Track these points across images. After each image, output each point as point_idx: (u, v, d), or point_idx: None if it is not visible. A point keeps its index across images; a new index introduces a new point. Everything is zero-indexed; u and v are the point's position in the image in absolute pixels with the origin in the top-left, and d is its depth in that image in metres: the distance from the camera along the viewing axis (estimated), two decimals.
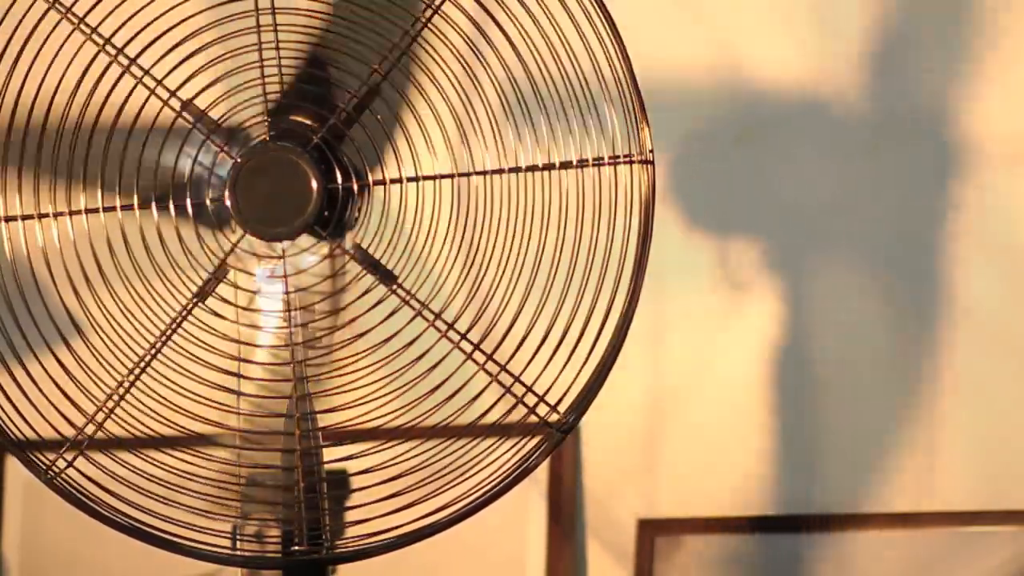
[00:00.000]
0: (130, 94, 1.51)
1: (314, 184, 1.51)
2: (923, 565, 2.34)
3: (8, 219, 1.53)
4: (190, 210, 1.53)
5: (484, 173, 1.52)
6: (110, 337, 1.53)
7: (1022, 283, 2.34)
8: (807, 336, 2.38)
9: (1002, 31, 2.32)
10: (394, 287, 1.53)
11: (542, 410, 1.52)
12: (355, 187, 1.53)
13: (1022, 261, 2.34)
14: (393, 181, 1.53)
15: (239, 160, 1.52)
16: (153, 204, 1.52)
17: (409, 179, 1.52)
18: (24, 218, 1.53)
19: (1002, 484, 2.35)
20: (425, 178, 1.52)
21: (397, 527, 1.51)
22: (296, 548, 1.55)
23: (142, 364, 1.53)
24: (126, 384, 1.53)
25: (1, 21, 1.50)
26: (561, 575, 2.36)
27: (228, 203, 1.52)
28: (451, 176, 1.52)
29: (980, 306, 2.34)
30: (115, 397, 1.53)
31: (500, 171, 1.52)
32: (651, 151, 1.50)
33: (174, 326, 1.53)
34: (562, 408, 1.52)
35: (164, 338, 1.53)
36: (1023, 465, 2.35)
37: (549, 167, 1.51)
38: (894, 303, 2.36)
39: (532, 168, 1.51)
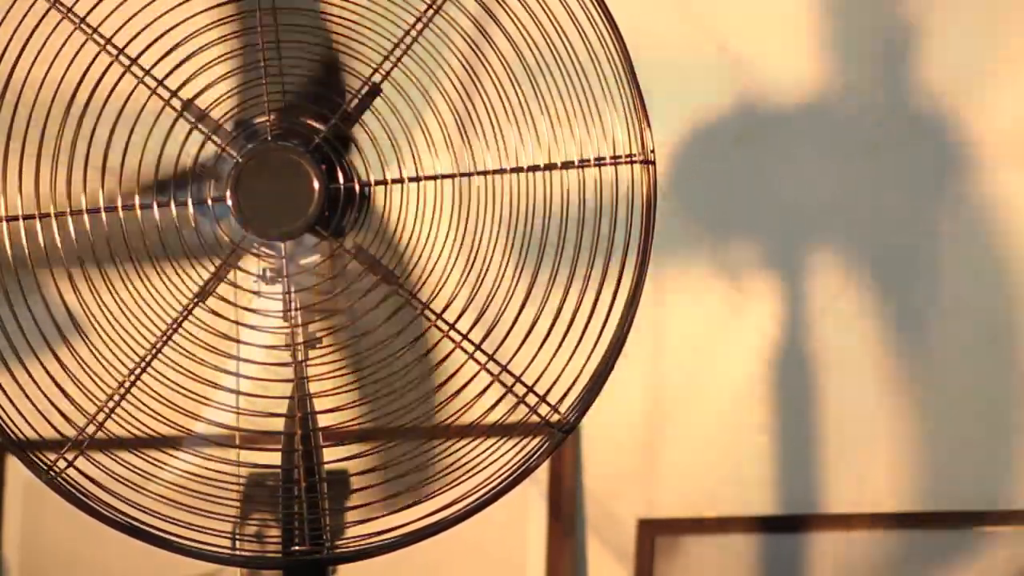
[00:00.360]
0: (131, 94, 1.51)
1: (316, 184, 1.51)
2: (923, 565, 2.34)
3: (8, 219, 1.53)
4: (191, 210, 1.53)
5: (485, 173, 1.51)
6: (110, 337, 1.53)
7: (1022, 283, 2.34)
8: (807, 336, 2.37)
9: (1002, 30, 2.32)
10: (395, 287, 1.53)
11: (543, 410, 1.52)
12: (357, 187, 1.52)
13: (1022, 261, 2.34)
14: (395, 181, 1.52)
15: (241, 160, 1.51)
16: (154, 204, 1.52)
17: (411, 179, 1.52)
18: (24, 218, 1.52)
19: (1002, 484, 2.35)
20: (427, 178, 1.52)
21: (398, 527, 1.51)
22: (296, 548, 1.55)
23: (143, 364, 1.53)
24: (127, 384, 1.53)
25: (1, 21, 1.49)
26: (561, 575, 2.36)
27: (229, 203, 1.51)
28: (452, 176, 1.52)
29: (981, 306, 2.34)
30: (116, 397, 1.52)
31: (501, 171, 1.51)
32: (652, 151, 1.50)
33: (175, 326, 1.53)
34: (563, 408, 1.52)
35: (164, 338, 1.53)
36: (1023, 465, 2.35)
37: (550, 167, 1.51)
38: (894, 303, 2.36)
39: (533, 168, 1.51)
